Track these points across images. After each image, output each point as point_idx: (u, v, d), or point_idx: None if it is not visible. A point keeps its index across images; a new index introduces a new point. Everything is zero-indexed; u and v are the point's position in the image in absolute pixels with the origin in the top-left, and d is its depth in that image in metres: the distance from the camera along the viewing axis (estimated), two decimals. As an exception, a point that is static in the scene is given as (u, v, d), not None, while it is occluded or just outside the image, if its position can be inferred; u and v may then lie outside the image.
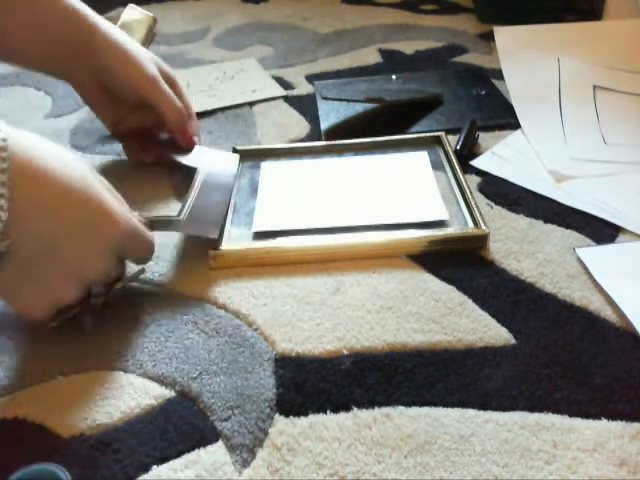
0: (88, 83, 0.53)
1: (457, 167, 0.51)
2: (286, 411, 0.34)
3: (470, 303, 0.40)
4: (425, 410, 0.34)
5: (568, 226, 0.47)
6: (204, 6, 1.01)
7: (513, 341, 0.38)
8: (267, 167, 0.54)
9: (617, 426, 0.33)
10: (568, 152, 0.54)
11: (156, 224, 0.43)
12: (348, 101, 0.64)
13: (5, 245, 0.33)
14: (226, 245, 0.45)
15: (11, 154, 0.33)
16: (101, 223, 0.36)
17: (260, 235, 0.46)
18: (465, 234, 0.45)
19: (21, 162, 0.33)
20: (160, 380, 0.36)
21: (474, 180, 0.52)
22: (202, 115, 0.65)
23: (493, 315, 0.39)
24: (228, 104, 0.67)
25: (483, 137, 0.58)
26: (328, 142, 0.57)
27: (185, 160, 0.54)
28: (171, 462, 0.32)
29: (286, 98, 0.68)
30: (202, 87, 0.71)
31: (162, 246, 0.46)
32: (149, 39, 0.86)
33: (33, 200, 0.34)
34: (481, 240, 0.45)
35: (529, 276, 0.42)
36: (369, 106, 0.64)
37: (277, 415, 0.34)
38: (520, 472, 0.31)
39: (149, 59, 0.53)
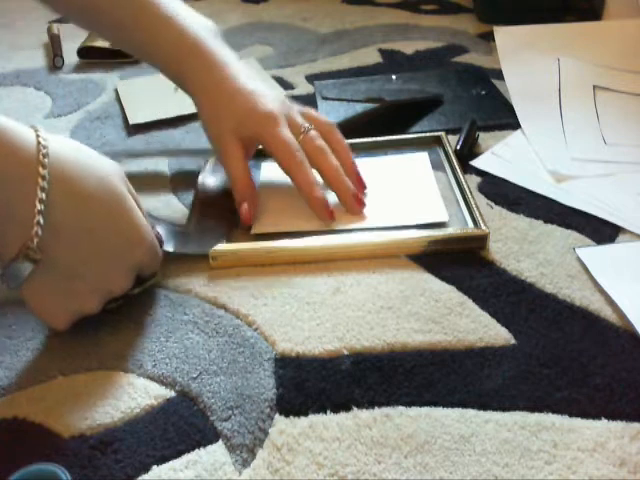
0: None
1: (457, 167, 0.51)
2: (286, 411, 0.34)
3: (470, 303, 0.40)
4: (425, 410, 0.34)
5: (568, 226, 0.47)
6: (204, 6, 1.01)
7: (513, 341, 0.38)
8: (267, 167, 0.54)
9: (617, 426, 0.33)
10: (568, 152, 0.54)
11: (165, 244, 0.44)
12: (348, 101, 0.64)
13: (38, 258, 0.34)
14: (226, 245, 0.45)
15: (50, 170, 0.33)
16: (132, 247, 0.38)
17: (260, 235, 0.46)
18: (465, 234, 0.45)
19: (59, 179, 0.34)
20: (160, 380, 0.36)
21: (474, 180, 0.52)
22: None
23: (493, 315, 0.39)
24: None
25: (483, 137, 0.58)
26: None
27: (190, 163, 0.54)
28: (171, 462, 0.32)
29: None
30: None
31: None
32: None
33: (69, 218, 0.34)
34: (481, 240, 0.45)
35: (529, 276, 0.42)
36: (369, 106, 0.64)
37: (277, 415, 0.34)
38: (520, 472, 0.31)
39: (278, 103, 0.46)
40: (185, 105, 0.66)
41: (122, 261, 0.38)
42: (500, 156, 0.55)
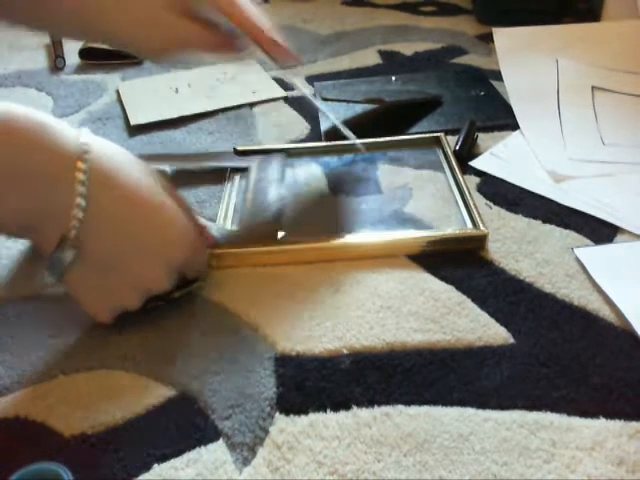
0: None
1: (456, 168, 0.51)
2: (286, 410, 0.34)
3: (469, 303, 0.41)
4: (424, 409, 0.34)
5: (566, 226, 0.47)
6: (204, 7, 1.01)
7: (512, 340, 0.38)
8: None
9: (615, 425, 0.33)
10: (566, 153, 0.54)
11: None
12: (348, 102, 0.65)
13: (75, 250, 0.35)
14: (226, 245, 0.45)
15: (90, 166, 0.34)
16: (168, 244, 0.38)
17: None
18: (464, 234, 0.45)
19: (99, 175, 0.35)
20: (161, 379, 0.37)
21: (473, 180, 0.52)
22: (203, 116, 0.65)
23: (492, 315, 0.40)
24: (229, 105, 0.67)
25: (482, 138, 0.58)
26: (328, 143, 0.58)
27: (234, 162, 0.55)
28: (172, 460, 0.32)
29: (286, 99, 0.69)
30: (203, 88, 0.71)
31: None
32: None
33: (106, 214, 0.35)
34: (480, 240, 0.45)
35: (528, 276, 0.42)
36: (369, 107, 0.64)
37: (277, 414, 0.34)
38: (519, 471, 0.31)
39: None
40: (186, 106, 0.67)
41: (158, 258, 0.38)
42: (499, 157, 0.55)
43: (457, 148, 0.55)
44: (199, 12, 0.44)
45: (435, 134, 0.57)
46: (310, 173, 0.54)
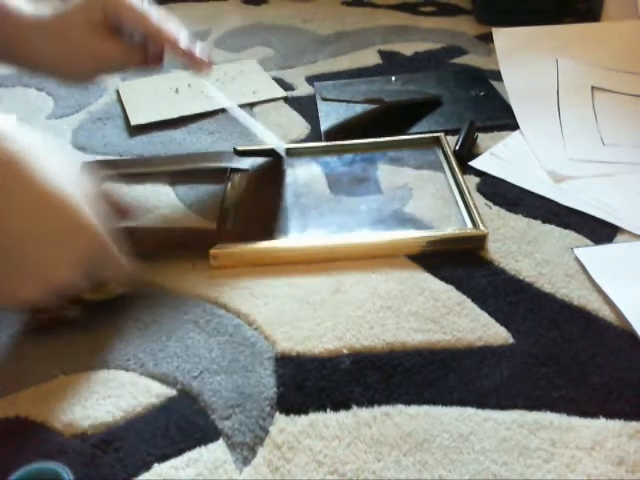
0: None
1: (456, 168, 0.51)
2: (286, 409, 0.34)
3: (469, 303, 0.41)
4: (424, 409, 0.34)
5: (566, 226, 0.47)
6: (205, 8, 1.01)
7: (512, 340, 0.38)
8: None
9: (615, 425, 0.33)
10: (566, 153, 0.54)
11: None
12: (348, 102, 0.65)
13: None
14: (226, 245, 0.45)
15: (3, 147, 0.33)
16: (67, 233, 0.36)
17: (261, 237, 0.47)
18: (464, 234, 0.45)
19: (11, 159, 0.33)
20: (161, 379, 0.37)
21: (473, 180, 0.53)
22: (203, 116, 0.65)
23: (492, 314, 0.40)
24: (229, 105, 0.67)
25: (482, 138, 0.58)
26: (328, 143, 0.58)
27: (234, 162, 0.55)
28: (172, 460, 0.32)
29: (286, 99, 0.69)
30: (203, 88, 0.71)
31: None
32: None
33: (9, 197, 0.34)
34: (480, 240, 0.45)
35: (527, 276, 0.42)
36: (369, 107, 0.64)
37: (277, 413, 0.34)
38: (519, 470, 0.31)
39: None
40: (186, 106, 0.67)
41: (57, 248, 0.36)
42: (499, 157, 0.55)
43: (457, 148, 0.55)
44: (119, 28, 0.46)
45: (435, 134, 0.57)
46: (310, 173, 0.54)
